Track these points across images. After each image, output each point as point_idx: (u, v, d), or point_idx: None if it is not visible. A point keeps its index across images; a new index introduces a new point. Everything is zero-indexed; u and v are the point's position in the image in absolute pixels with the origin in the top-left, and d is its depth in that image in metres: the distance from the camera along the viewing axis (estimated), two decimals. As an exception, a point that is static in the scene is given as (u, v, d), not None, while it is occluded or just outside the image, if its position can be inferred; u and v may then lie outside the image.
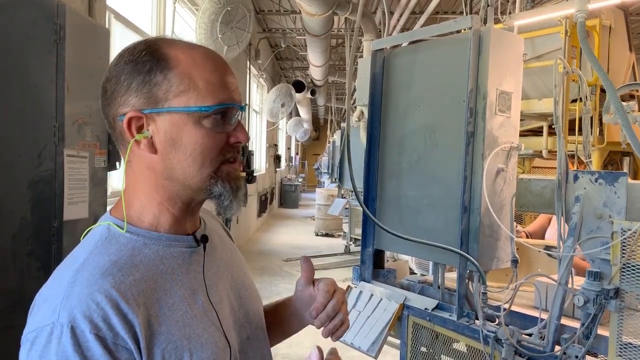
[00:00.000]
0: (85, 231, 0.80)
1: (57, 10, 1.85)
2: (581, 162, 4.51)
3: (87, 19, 2.10)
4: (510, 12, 2.02)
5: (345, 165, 3.83)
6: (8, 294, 1.82)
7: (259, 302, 0.98)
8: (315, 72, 10.29)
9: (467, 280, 1.89)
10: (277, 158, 14.41)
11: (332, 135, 11.85)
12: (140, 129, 0.77)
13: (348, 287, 2.31)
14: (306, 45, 8.63)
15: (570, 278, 1.61)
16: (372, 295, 2.19)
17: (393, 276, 2.34)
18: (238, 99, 0.81)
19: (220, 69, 0.80)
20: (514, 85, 1.89)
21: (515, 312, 1.84)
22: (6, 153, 1.84)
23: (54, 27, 1.83)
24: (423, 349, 2.08)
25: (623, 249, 1.46)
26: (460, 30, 2.00)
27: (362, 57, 5.92)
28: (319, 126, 24.59)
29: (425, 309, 1.99)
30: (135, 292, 0.71)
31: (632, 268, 1.44)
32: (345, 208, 7.36)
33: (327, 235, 10.35)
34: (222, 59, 0.83)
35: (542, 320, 1.64)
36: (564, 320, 1.66)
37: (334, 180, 9.48)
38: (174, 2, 4.64)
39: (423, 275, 3.20)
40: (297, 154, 23.82)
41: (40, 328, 0.66)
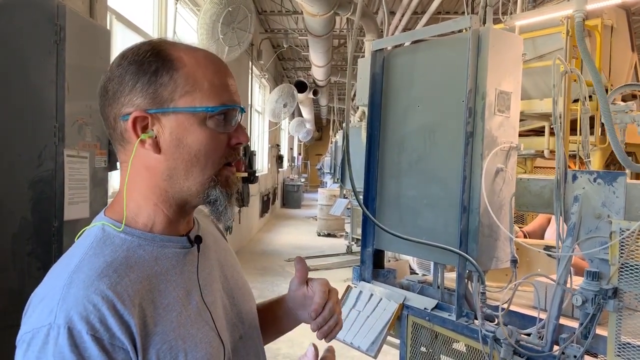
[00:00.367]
0: (80, 232, 0.80)
1: (57, 11, 1.86)
2: (583, 162, 4.50)
3: (87, 19, 2.11)
4: (511, 12, 2.02)
5: (346, 165, 3.83)
6: (8, 293, 1.83)
7: (252, 301, 0.99)
8: (318, 72, 10.30)
9: (466, 280, 1.89)
10: (280, 158, 14.43)
11: (335, 136, 11.86)
12: (145, 128, 0.77)
13: (348, 287, 2.32)
14: (308, 46, 8.64)
15: (569, 278, 1.61)
16: (371, 295, 2.19)
17: (393, 276, 2.34)
18: (238, 100, 0.83)
19: (222, 71, 0.81)
20: (514, 85, 1.89)
21: (514, 312, 1.84)
22: (7, 153, 1.85)
23: (54, 28, 1.85)
24: (423, 349, 2.08)
25: (621, 249, 1.46)
26: (462, 30, 2.00)
27: (363, 57, 5.92)
28: (321, 126, 24.61)
29: (424, 308, 1.99)
30: (131, 292, 0.72)
31: (630, 268, 1.44)
32: (347, 208, 7.36)
33: (329, 235, 10.35)
34: (222, 61, 0.84)
35: (540, 320, 1.64)
36: (563, 320, 1.66)
37: (336, 180, 9.50)
38: (176, 3, 4.65)
39: (424, 275, 3.20)
40: (299, 154, 23.84)
41: (37, 329, 0.67)
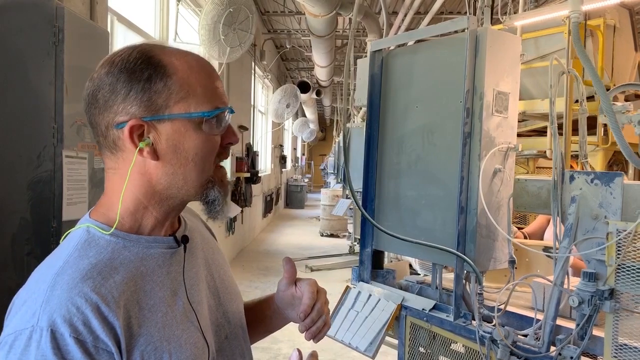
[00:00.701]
0: (65, 233, 0.80)
1: (55, 13, 1.87)
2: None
3: (85, 21, 2.12)
4: (508, 13, 2.01)
5: (349, 165, 3.84)
6: (7, 293, 1.84)
7: (239, 300, 0.99)
8: (321, 72, 10.30)
9: (464, 281, 1.89)
10: (283, 159, 14.44)
11: (338, 136, 11.85)
12: (141, 136, 0.77)
13: (347, 288, 2.32)
14: (311, 46, 8.64)
15: (566, 279, 1.61)
16: (370, 295, 2.20)
17: (392, 277, 2.34)
18: (227, 101, 0.84)
19: (212, 75, 0.82)
20: (512, 86, 1.89)
21: (512, 312, 1.84)
22: (6, 154, 1.86)
23: (53, 29, 1.86)
24: (421, 350, 2.08)
25: (618, 250, 1.45)
26: (464, 30, 2.00)
27: (366, 57, 5.92)
28: (325, 127, 24.61)
29: (422, 309, 1.99)
30: (115, 294, 0.71)
31: (627, 269, 1.43)
32: (350, 208, 7.35)
33: (332, 235, 10.35)
34: (210, 64, 0.85)
35: (538, 321, 1.64)
36: (561, 322, 1.65)
37: (339, 180, 9.50)
38: (177, 4, 4.67)
39: (426, 276, 3.19)
40: (303, 154, 23.85)
41: (19, 331, 0.66)
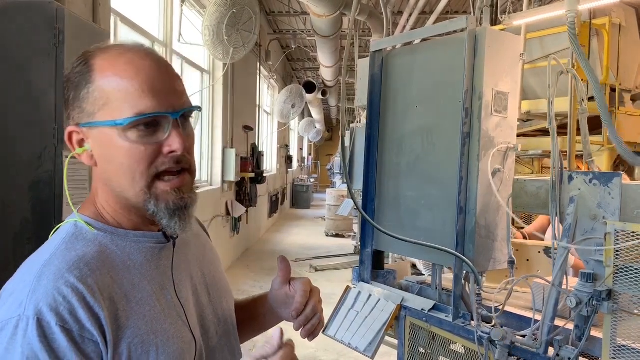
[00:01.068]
0: (54, 229, 0.81)
1: (56, 15, 1.90)
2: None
3: (85, 22, 2.14)
4: (508, 12, 2.01)
5: (355, 165, 3.83)
6: (10, 292, 1.86)
7: (230, 298, 1.00)
8: (326, 72, 10.30)
9: (463, 281, 1.89)
10: (289, 159, 14.45)
11: (344, 136, 11.83)
12: (82, 142, 0.78)
13: (347, 288, 2.32)
14: (316, 46, 8.65)
15: (565, 279, 1.60)
16: (370, 295, 2.20)
17: (393, 277, 2.34)
18: (171, 104, 0.76)
19: (144, 75, 0.75)
20: (511, 86, 1.88)
21: (512, 313, 1.83)
22: (8, 155, 1.89)
23: (53, 31, 1.88)
24: (421, 350, 2.08)
25: (616, 251, 1.44)
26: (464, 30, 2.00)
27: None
28: (331, 127, 24.60)
29: (422, 309, 1.99)
30: (101, 286, 0.72)
31: (625, 270, 1.42)
32: (355, 209, 7.34)
33: (337, 235, 10.35)
34: (154, 62, 0.77)
35: (536, 321, 1.63)
36: (561, 322, 1.64)
37: (344, 181, 9.50)
38: (181, 5, 4.69)
39: (429, 276, 3.19)
40: (309, 154, 23.86)
41: (7, 320, 0.68)
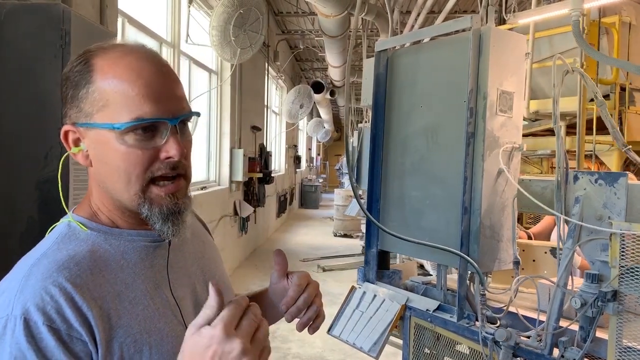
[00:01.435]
0: (50, 228, 0.82)
1: (62, 16, 1.91)
2: (601, 162, 4.41)
3: (92, 23, 2.16)
4: (512, 11, 2.00)
5: (363, 165, 3.83)
6: (17, 291, 1.88)
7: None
8: (334, 72, 10.30)
9: (468, 282, 1.88)
10: (297, 159, 14.46)
11: (352, 136, 11.82)
12: (78, 141, 0.78)
13: (352, 288, 2.32)
14: (324, 46, 8.65)
15: (570, 280, 1.58)
16: (375, 295, 2.19)
17: (398, 277, 2.33)
18: (170, 110, 0.76)
19: (144, 80, 0.74)
20: (516, 85, 1.87)
21: (518, 314, 1.82)
22: (15, 154, 1.91)
23: (60, 32, 1.90)
24: (426, 350, 2.07)
25: (622, 251, 1.43)
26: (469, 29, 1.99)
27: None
28: (340, 127, 24.58)
29: (426, 310, 1.98)
30: (92, 286, 0.72)
31: (631, 270, 1.41)
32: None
33: (345, 236, 10.34)
34: (155, 66, 0.77)
35: (541, 322, 1.62)
36: (566, 323, 1.63)
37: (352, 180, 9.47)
38: (189, 6, 4.71)
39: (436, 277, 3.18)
40: (318, 154, 23.87)
41: None
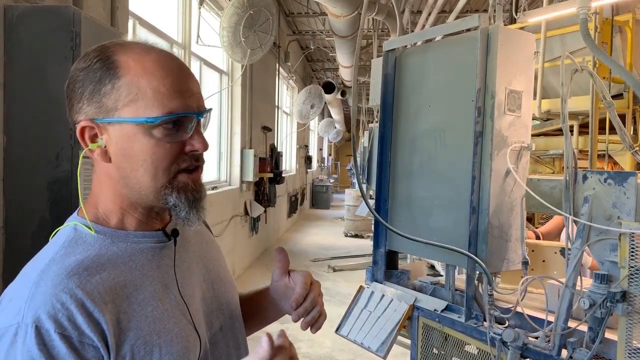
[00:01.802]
0: (54, 232, 0.82)
1: (73, 18, 1.94)
2: (615, 162, 4.35)
3: (102, 25, 2.19)
4: (522, 9, 1.99)
5: (373, 165, 3.83)
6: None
7: (234, 292, 1.00)
8: (345, 73, 10.31)
9: (476, 282, 1.87)
10: (308, 159, 14.48)
11: (363, 136, 11.80)
12: (95, 137, 0.77)
13: (360, 288, 2.32)
14: (335, 47, 8.65)
15: (579, 280, 1.57)
16: (383, 295, 2.19)
17: (406, 277, 2.33)
18: (195, 105, 0.79)
19: (173, 76, 0.77)
20: (525, 84, 1.86)
21: (528, 314, 1.81)
22: (27, 155, 1.94)
23: (70, 34, 1.92)
24: (435, 351, 2.07)
25: (632, 251, 1.41)
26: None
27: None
28: (351, 127, 24.53)
29: (434, 310, 1.97)
30: (102, 290, 0.72)
31: (640, 271, 1.39)
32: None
33: (356, 236, 10.34)
34: (178, 63, 0.80)
35: (549, 323, 1.61)
36: (575, 324, 1.62)
37: (363, 181, 9.46)
38: (199, 7, 4.74)
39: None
40: (329, 155, 23.87)
41: (5, 328, 0.67)
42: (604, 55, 1.44)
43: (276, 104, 9.44)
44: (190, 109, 0.78)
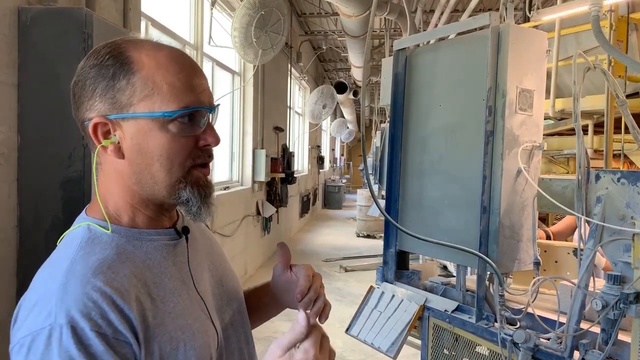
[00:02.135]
0: (63, 235, 0.80)
1: (85, 20, 1.97)
2: (631, 162, 4.28)
3: (114, 26, 2.21)
4: (536, 8, 1.97)
5: (385, 165, 3.80)
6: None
7: (239, 287, 1.01)
8: (357, 73, 10.29)
9: (487, 283, 1.85)
10: (320, 159, 14.48)
11: (375, 136, 11.78)
12: (107, 134, 0.77)
13: (370, 288, 2.31)
14: (347, 47, 8.65)
15: (592, 281, 1.55)
16: (393, 296, 2.18)
17: (417, 277, 2.32)
18: (207, 100, 0.80)
19: (186, 71, 0.78)
20: (537, 83, 1.84)
21: (539, 315, 1.79)
22: (41, 155, 1.97)
23: (83, 35, 1.95)
24: (445, 352, 2.05)
25: (645, 252, 1.39)
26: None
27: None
28: (364, 127, 24.47)
29: (445, 310, 1.96)
30: (127, 287, 0.72)
31: (654, 272, 1.37)
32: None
33: (368, 236, 10.31)
34: (189, 60, 0.81)
35: (561, 324, 1.59)
36: (588, 325, 1.60)
37: (376, 181, 9.43)
38: (212, 8, 4.76)
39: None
40: (342, 155, 23.85)
41: (37, 331, 0.66)
42: (617, 51, 1.42)
43: (288, 104, 9.46)
44: (203, 104, 0.79)
